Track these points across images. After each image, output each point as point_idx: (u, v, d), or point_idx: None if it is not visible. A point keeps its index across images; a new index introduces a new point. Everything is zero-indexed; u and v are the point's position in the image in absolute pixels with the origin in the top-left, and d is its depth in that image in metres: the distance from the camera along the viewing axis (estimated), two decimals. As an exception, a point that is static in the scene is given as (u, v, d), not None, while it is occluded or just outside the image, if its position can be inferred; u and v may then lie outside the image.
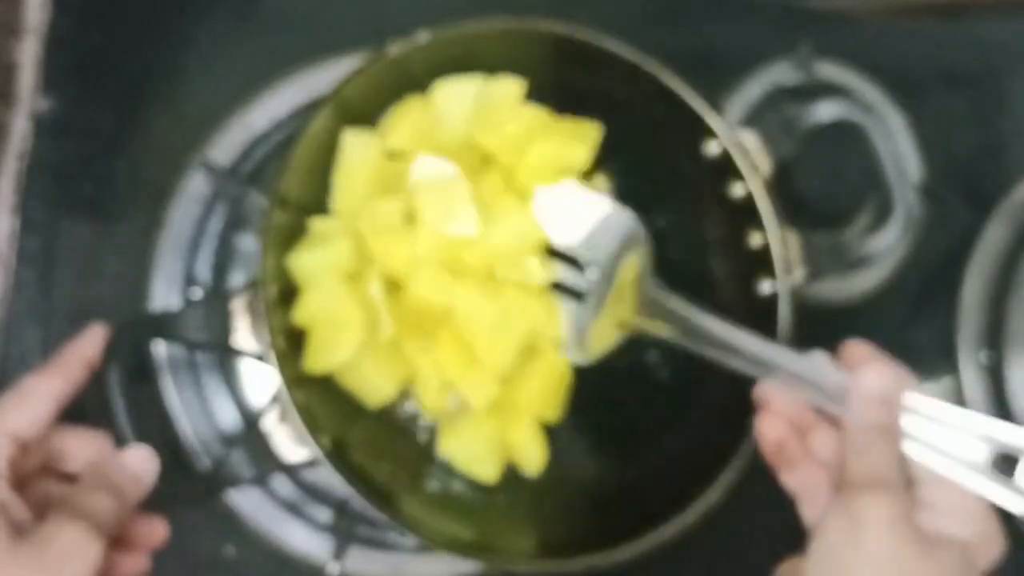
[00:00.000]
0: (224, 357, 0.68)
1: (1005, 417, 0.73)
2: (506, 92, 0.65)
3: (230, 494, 0.66)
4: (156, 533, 0.55)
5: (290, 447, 0.56)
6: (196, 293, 0.69)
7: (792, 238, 0.62)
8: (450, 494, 0.63)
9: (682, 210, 0.68)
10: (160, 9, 0.73)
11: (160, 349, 0.67)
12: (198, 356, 0.68)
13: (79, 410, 0.54)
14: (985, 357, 0.74)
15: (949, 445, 0.47)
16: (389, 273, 0.61)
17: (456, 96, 0.64)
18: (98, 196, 0.70)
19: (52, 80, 0.70)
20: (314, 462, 0.55)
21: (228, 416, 0.68)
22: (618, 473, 0.65)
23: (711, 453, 0.60)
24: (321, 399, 0.59)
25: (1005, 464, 0.47)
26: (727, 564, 0.73)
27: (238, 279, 0.70)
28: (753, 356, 0.54)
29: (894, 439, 0.48)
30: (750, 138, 0.63)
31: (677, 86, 0.62)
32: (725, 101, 0.79)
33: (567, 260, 0.61)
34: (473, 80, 0.64)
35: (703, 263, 0.68)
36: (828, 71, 0.80)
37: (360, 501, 0.55)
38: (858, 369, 0.50)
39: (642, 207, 0.67)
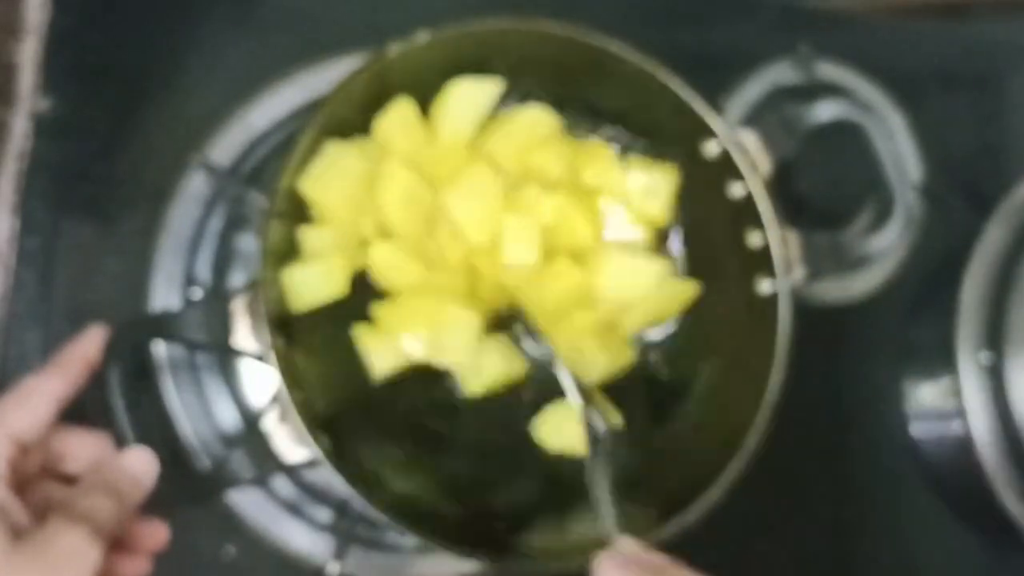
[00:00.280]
0: (224, 357, 0.68)
1: (1006, 417, 0.73)
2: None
3: (230, 494, 0.66)
4: (157, 536, 0.55)
5: (290, 447, 0.55)
6: (196, 293, 0.69)
7: (792, 238, 0.62)
8: (452, 495, 0.63)
9: (682, 209, 0.68)
10: (160, 9, 0.73)
11: (160, 349, 0.67)
12: (198, 356, 0.68)
13: (79, 410, 0.54)
14: (985, 357, 0.74)
15: None
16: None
17: (466, 98, 0.65)
18: (98, 196, 0.69)
19: (52, 80, 0.70)
20: (314, 462, 0.55)
21: (228, 416, 0.68)
22: (617, 472, 0.65)
23: (710, 452, 0.60)
24: (321, 399, 0.59)
25: None
26: (727, 563, 0.73)
27: (238, 279, 0.70)
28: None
29: None
30: (750, 138, 0.63)
31: (677, 86, 0.62)
32: (725, 101, 0.80)
33: None
34: (484, 82, 0.65)
35: (702, 262, 0.69)
36: (828, 71, 0.81)
37: (360, 501, 0.55)
38: None
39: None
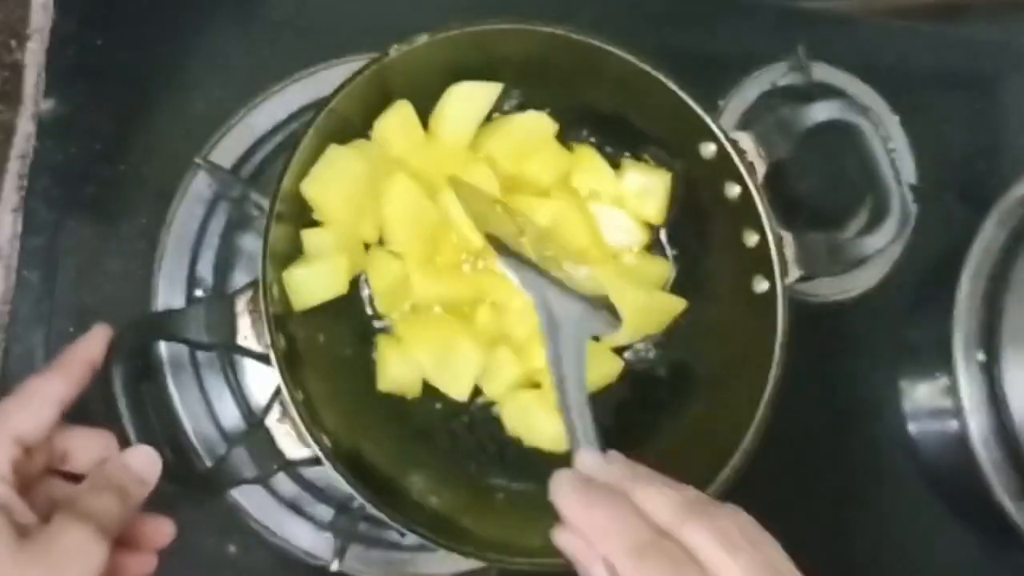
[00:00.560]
0: (226, 357, 0.68)
1: (1002, 415, 0.73)
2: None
3: (232, 492, 0.66)
4: (162, 533, 0.55)
5: (292, 446, 0.56)
6: (199, 293, 0.69)
7: (788, 238, 0.63)
8: (451, 493, 0.63)
9: (679, 209, 0.69)
10: (163, 11, 0.73)
11: (163, 349, 0.68)
12: (200, 356, 0.68)
13: (83, 410, 0.54)
14: (981, 356, 0.74)
15: None
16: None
17: (466, 101, 0.65)
18: (101, 197, 0.70)
19: (56, 81, 0.70)
20: (315, 461, 0.55)
21: (230, 415, 0.68)
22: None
23: (709, 451, 0.60)
24: (322, 398, 0.60)
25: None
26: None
27: (240, 279, 0.70)
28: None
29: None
30: (746, 139, 0.64)
31: (675, 88, 0.62)
32: (722, 102, 0.80)
33: None
34: (483, 85, 0.65)
35: (700, 261, 0.69)
36: (824, 72, 0.81)
37: (361, 500, 0.55)
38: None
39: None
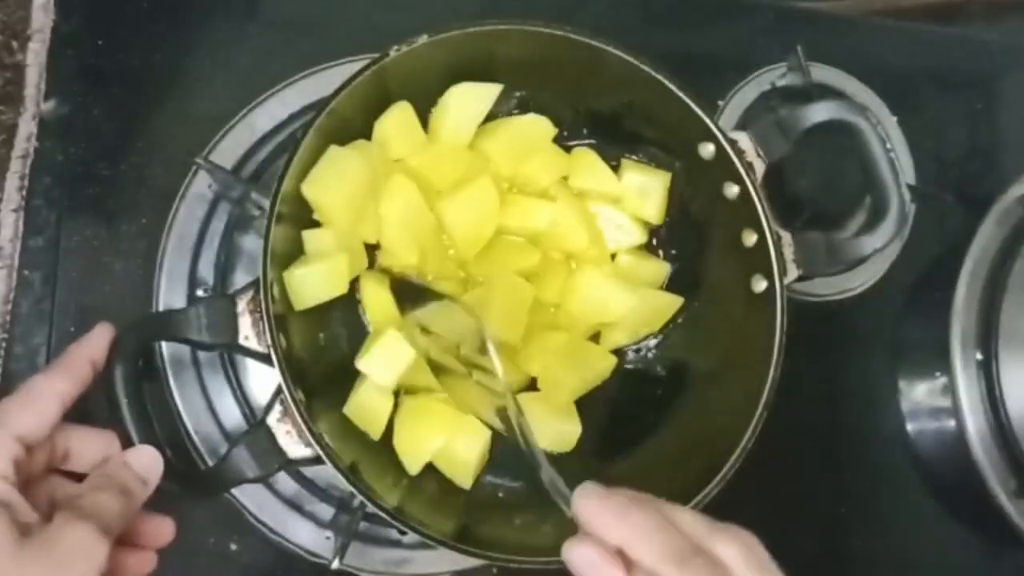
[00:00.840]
0: (227, 356, 0.69)
1: (999, 414, 0.73)
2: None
3: (233, 491, 0.66)
4: (163, 532, 0.56)
5: (293, 445, 0.56)
6: (200, 293, 0.69)
7: (787, 237, 0.63)
8: (451, 492, 0.63)
9: (679, 209, 0.69)
10: (164, 12, 0.74)
11: (164, 348, 0.68)
12: (202, 355, 0.68)
13: (85, 409, 0.55)
14: (979, 355, 0.74)
15: None
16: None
17: (465, 101, 0.66)
18: (102, 197, 0.70)
19: (57, 82, 0.70)
20: (316, 460, 0.55)
21: (231, 415, 0.68)
22: (617, 469, 0.66)
23: (707, 449, 0.60)
24: (323, 398, 0.60)
25: None
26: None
27: (241, 278, 0.70)
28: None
29: None
30: (745, 139, 0.64)
31: (674, 88, 0.63)
32: (722, 103, 0.80)
33: None
34: (483, 86, 0.66)
35: (699, 261, 0.69)
36: (823, 73, 0.81)
37: (361, 498, 0.56)
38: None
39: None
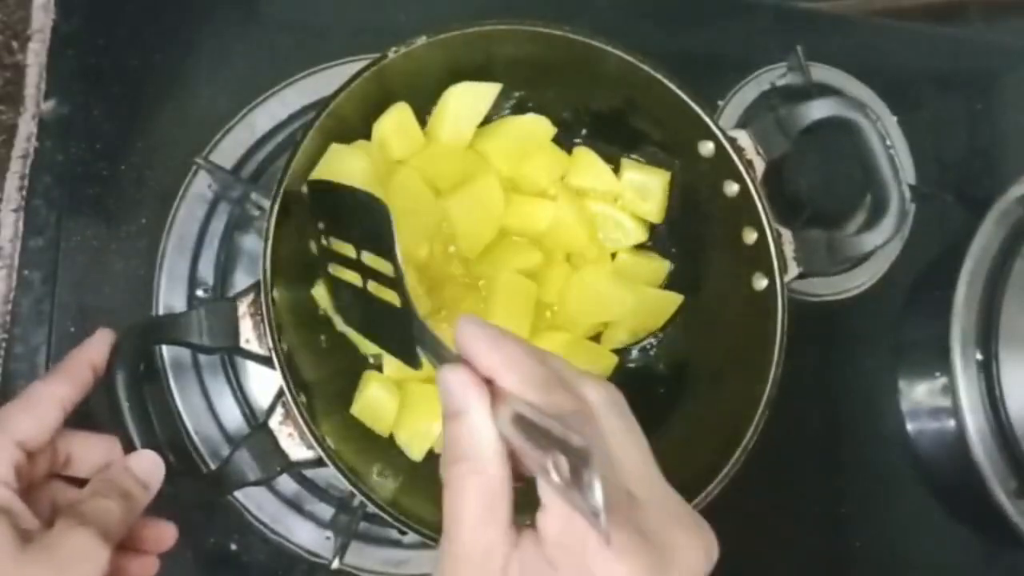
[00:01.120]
0: (228, 359, 0.69)
1: (999, 414, 0.73)
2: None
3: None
4: (165, 536, 0.56)
5: (295, 448, 0.56)
6: (200, 293, 0.69)
7: (787, 235, 0.63)
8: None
9: (679, 207, 0.69)
10: (164, 12, 0.74)
11: (165, 352, 0.68)
12: (202, 358, 0.68)
13: (87, 414, 0.55)
14: (979, 355, 0.74)
15: None
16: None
17: (465, 101, 0.66)
18: (102, 197, 0.70)
19: (57, 82, 0.70)
20: (318, 462, 0.55)
21: (233, 417, 0.68)
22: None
23: (708, 448, 0.60)
24: (324, 400, 0.60)
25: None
26: (722, 558, 0.74)
27: (242, 279, 0.70)
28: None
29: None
30: (745, 137, 0.64)
31: (674, 87, 0.63)
32: (722, 103, 0.80)
33: None
34: (483, 86, 0.66)
35: (699, 259, 0.69)
36: (823, 73, 0.82)
37: (362, 498, 0.56)
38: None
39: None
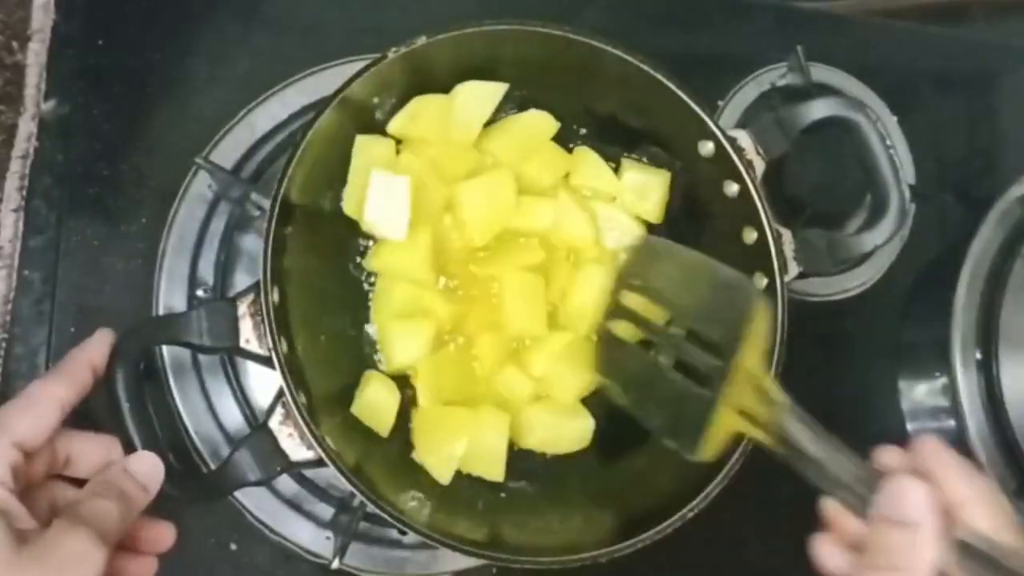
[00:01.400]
0: (228, 358, 0.68)
1: (999, 414, 0.73)
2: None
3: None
4: (164, 537, 0.56)
5: (295, 448, 0.56)
6: (200, 293, 0.69)
7: (787, 235, 0.63)
8: (453, 492, 0.63)
9: (679, 207, 0.69)
10: (164, 12, 0.74)
11: (165, 352, 0.68)
12: (202, 358, 0.68)
13: (86, 414, 0.55)
14: (979, 355, 0.74)
15: None
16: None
17: (472, 100, 0.66)
18: (103, 197, 0.70)
19: (57, 82, 0.70)
20: (318, 463, 0.55)
21: (233, 417, 0.68)
22: (620, 468, 0.66)
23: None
24: (324, 400, 0.60)
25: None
26: (722, 560, 0.74)
27: (242, 279, 0.70)
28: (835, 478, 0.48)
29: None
30: (745, 137, 0.64)
31: (675, 87, 0.63)
32: (722, 103, 0.80)
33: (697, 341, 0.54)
34: (490, 85, 0.66)
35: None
36: (823, 73, 0.82)
37: (362, 498, 0.56)
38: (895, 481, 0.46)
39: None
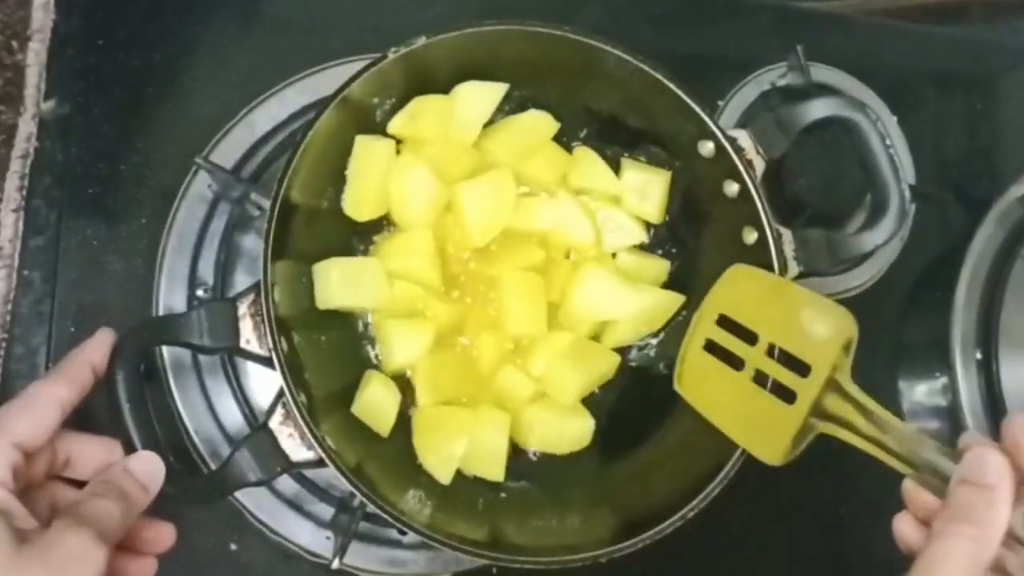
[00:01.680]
0: (229, 359, 0.68)
1: (999, 414, 0.73)
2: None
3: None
4: (164, 538, 0.56)
5: (295, 448, 0.56)
6: (200, 293, 0.69)
7: (787, 234, 0.63)
8: (453, 492, 0.63)
9: (679, 207, 0.69)
10: (164, 12, 0.74)
11: (165, 352, 0.68)
12: (203, 358, 0.68)
13: (87, 414, 0.55)
14: (979, 355, 0.74)
15: None
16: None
17: (473, 100, 0.66)
18: (102, 197, 0.70)
19: (57, 82, 0.70)
20: (318, 463, 0.55)
21: (233, 418, 0.68)
22: (621, 467, 0.66)
23: (708, 447, 0.60)
24: (325, 400, 0.60)
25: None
26: (724, 558, 0.74)
27: (242, 279, 0.70)
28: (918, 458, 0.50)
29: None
30: (745, 136, 0.64)
31: (675, 87, 0.63)
32: (722, 103, 0.80)
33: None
34: (492, 87, 0.66)
35: (700, 258, 0.69)
36: (823, 73, 0.82)
37: (362, 498, 0.56)
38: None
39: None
